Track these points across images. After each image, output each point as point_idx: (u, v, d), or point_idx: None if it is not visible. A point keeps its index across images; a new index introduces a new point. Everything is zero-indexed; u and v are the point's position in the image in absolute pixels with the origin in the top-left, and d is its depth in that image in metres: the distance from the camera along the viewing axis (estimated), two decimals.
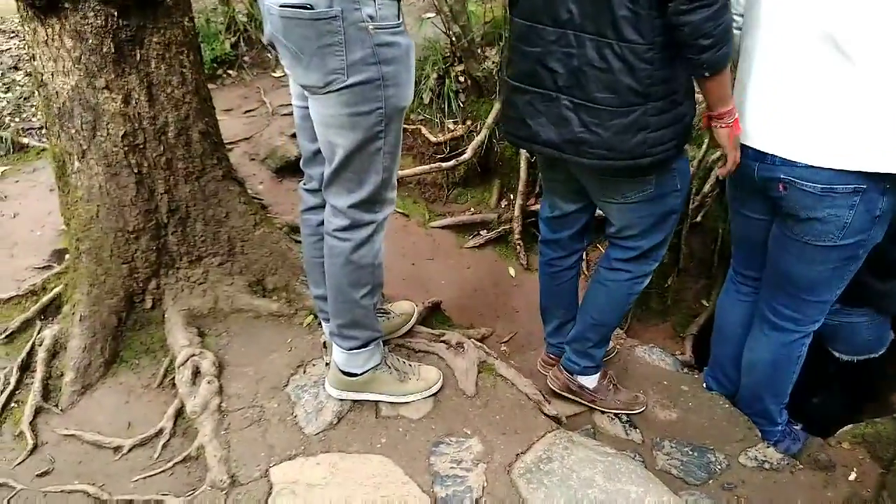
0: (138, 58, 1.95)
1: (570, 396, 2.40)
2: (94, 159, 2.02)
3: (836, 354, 2.68)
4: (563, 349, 2.53)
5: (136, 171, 2.05)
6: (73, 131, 2.00)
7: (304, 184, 1.93)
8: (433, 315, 2.55)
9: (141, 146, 2.04)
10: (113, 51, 1.88)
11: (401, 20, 1.55)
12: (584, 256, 2.40)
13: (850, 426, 2.48)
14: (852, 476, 2.24)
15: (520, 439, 1.89)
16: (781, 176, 1.89)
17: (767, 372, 2.30)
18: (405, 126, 3.33)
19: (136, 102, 1.99)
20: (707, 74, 1.69)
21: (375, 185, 1.67)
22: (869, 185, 1.81)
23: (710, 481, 2.22)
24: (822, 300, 2.11)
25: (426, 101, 3.31)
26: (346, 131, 1.58)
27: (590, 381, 2.39)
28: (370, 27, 1.48)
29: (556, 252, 2.34)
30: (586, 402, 2.40)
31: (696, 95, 1.86)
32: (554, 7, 1.72)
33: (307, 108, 1.67)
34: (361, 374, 1.89)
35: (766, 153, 1.90)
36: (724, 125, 1.81)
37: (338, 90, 1.52)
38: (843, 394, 2.98)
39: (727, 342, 2.50)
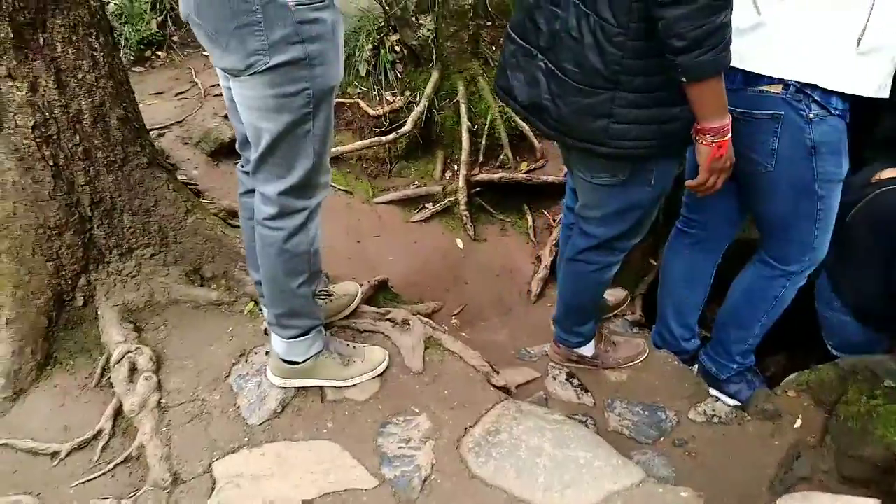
0: (42, 42, 1.82)
1: (575, 365, 2.47)
2: (3, 153, 1.90)
3: (829, 347, 2.65)
4: None
5: (51, 163, 1.94)
6: None
7: (241, 166, 1.86)
8: (380, 293, 2.51)
9: (54, 137, 1.93)
10: (12, 35, 1.75)
11: None
12: None
13: (794, 374, 2.53)
14: (798, 423, 2.30)
15: (468, 413, 1.88)
16: None
17: (739, 300, 2.33)
18: (342, 101, 3.25)
19: (45, 90, 1.86)
20: (684, 80, 1.49)
21: (306, 169, 1.60)
22: (787, 111, 1.82)
23: (662, 439, 2.26)
24: (797, 240, 2.11)
25: (362, 73, 3.21)
26: (271, 114, 1.50)
27: (587, 350, 2.44)
28: (290, 4, 1.39)
29: (573, 219, 2.28)
30: (591, 367, 2.47)
31: None
32: None
33: None
34: (303, 361, 1.85)
35: None
36: (705, 143, 1.60)
37: (261, 72, 1.44)
38: None
39: (670, 295, 2.53)
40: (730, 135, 1.60)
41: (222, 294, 2.26)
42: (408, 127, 3.10)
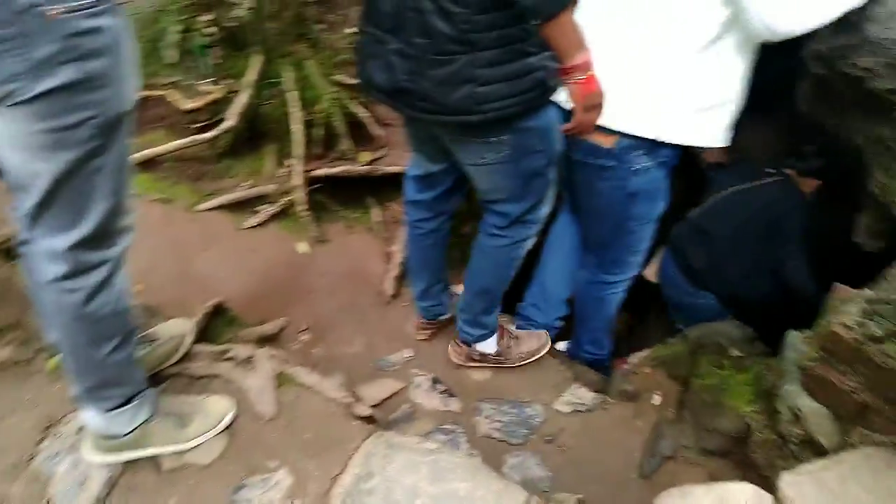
0: None
1: (477, 365, 2.41)
2: None
3: (677, 324, 2.80)
4: (433, 312, 2.45)
5: None
6: None
7: (15, 209, 1.48)
8: (217, 319, 2.21)
9: None
10: None
11: None
12: (451, 218, 2.27)
13: (646, 350, 2.60)
14: (656, 400, 2.36)
15: (334, 457, 1.69)
16: None
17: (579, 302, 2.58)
18: (149, 93, 2.82)
19: None
20: (539, 21, 1.44)
21: (103, 214, 1.29)
22: (614, 164, 2.04)
23: (533, 436, 2.22)
24: (612, 259, 2.40)
25: (171, 60, 2.79)
26: (45, 153, 1.18)
27: (489, 347, 2.36)
28: (54, 12, 1.07)
29: (421, 214, 2.20)
30: (494, 367, 2.41)
31: None
32: None
33: None
34: (129, 433, 1.54)
35: None
36: (573, 81, 1.57)
37: (24, 102, 1.11)
38: None
39: (555, 267, 2.60)
40: (594, 69, 1.55)
41: (16, 350, 1.86)
42: (230, 122, 2.76)
